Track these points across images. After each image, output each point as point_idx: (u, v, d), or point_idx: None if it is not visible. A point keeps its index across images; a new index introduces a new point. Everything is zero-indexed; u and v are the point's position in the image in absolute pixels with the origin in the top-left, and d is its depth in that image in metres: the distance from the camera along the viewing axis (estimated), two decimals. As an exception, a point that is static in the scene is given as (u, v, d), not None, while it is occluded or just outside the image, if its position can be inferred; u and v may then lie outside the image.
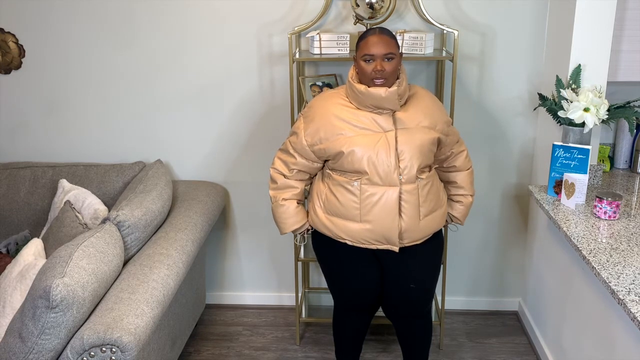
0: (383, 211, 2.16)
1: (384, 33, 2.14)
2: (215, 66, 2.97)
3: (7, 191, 2.99)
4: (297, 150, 2.27)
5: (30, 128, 3.15)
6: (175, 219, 2.65)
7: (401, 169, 2.14)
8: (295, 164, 2.29)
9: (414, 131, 2.16)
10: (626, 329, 1.93)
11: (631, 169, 2.85)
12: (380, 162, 2.12)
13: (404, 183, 2.15)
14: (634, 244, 2.06)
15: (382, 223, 2.17)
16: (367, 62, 2.11)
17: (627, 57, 2.56)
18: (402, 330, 2.52)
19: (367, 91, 2.10)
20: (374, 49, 2.09)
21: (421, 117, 2.20)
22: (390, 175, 2.13)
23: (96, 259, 2.06)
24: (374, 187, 2.15)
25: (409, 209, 2.17)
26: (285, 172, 2.32)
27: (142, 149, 3.13)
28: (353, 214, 2.20)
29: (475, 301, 3.30)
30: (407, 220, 2.18)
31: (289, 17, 2.86)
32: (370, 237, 2.21)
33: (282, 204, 2.32)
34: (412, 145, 2.14)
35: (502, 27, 2.82)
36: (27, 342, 1.89)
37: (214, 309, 3.34)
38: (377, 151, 2.12)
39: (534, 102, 2.84)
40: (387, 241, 2.21)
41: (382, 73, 2.09)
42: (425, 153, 2.18)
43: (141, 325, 1.97)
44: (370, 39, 2.11)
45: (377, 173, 2.13)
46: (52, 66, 3.04)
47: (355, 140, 2.13)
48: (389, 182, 2.14)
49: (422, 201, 2.20)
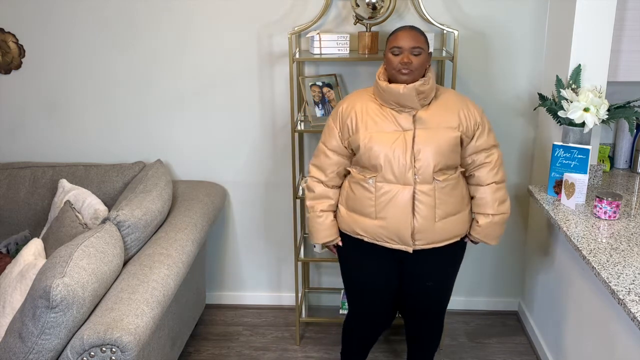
0: (396, 209, 2.16)
1: (414, 29, 2.16)
2: (215, 66, 2.97)
3: (7, 191, 2.99)
4: (332, 149, 2.27)
5: (30, 128, 3.15)
6: (175, 219, 2.65)
7: (416, 169, 2.13)
8: (332, 164, 2.28)
9: (434, 131, 2.14)
10: (626, 329, 1.93)
11: (631, 169, 2.85)
12: (395, 160, 2.13)
13: (419, 183, 2.14)
14: (634, 244, 2.06)
15: (395, 221, 2.17)
16: (395, 55, 2.13)
17: (627, 57, 2.56)
18: (414, 329, 2.51)
19: (388, 87, 2.12)
20: (402, 41, 2.11)
21: (443, 117, 2.17)
22: (405, 174, 2.13)
23: (96, 259, 2.06)
24: (388, 184, 2.16)
25: (423, 209, 2.16)
26: (322, 178, 2.31)
27: (142, 149, 3.13)
28: (369, 210, 2.20)
29: (475, 301, 3.30)
30: (421, 221, 2.17)
31: (289, 17, 2.86)
32: (384, 235, 2.21)
33: (319, 215, 2.32)
34: (431, 145, 2.13)
35: (502, 27, 2.82)
36: (27, 342, 1.89)
37: (214, 309, 3.34)
38: (394, 149, 2.13)
39: (534, 102, 2.84)
40: (400, 240, 2.20)
41: (408, 65, 2.09)
42: (445, 154, 2.15)
43: (141, 325, 1.97)
44: (400, 32, 2.14)
45: (392, 171, 2.14)
46: (52, 66, 3.04)
47: (375, 136, 2.15)
48: (404, 180, 2.14)
49: (439, 203, 2.17)
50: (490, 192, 2.25)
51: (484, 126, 2.24)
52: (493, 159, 2.25)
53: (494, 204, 2.25)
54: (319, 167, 2.31)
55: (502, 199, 2.27)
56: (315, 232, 2.34)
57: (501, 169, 2.28)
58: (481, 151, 2.24)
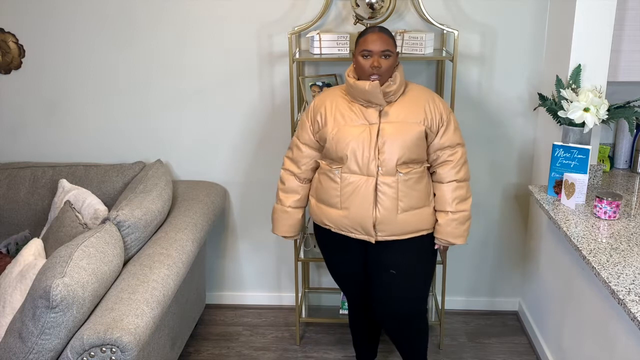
0: (359, 199, 2.24)
1: (383, 31, 2.22)
2: (215, 66, 2.97)
3: (7, 191, 2.99)
4: (304, 142, 2.37)
5: (30, 128, 3.15)
6: (175, 219, 2.65)
7: (380, 161, 2.20)
8: (304, 157, 2.38)
9: (399, 125, 2.21)
10: (626, 329, 1.93)
11: (631, 169, 2.85)
12: (360, 152, 2.21)
13: (382, 175, 2.21)
14: (634, 244, 2.06)
15: (358, 211, 2.25)
16: (365, 58, 2.19)
17: (627, 57, 2.56)
18: (390, 333, 2.50)
19: (355, 84, 2.21)
20: (372, 45, 2.17)
21: (409, 111, 2.24)
22: (368, 165, 2.21)
23: (96, 259, 2.06)
24: (352, 175, 2.24)
25: (385, 200, 2.22)
26: (295, 171, 2.41)
27: (142, 149, 3.13)
28: (334, 201, 2.29)
29: (475, 301, 3.30)
30: (383, 212, 2.23)
31: (289, 17, 2.86)
32: (348, 225, 2.29)
33: (287, 210, 2.44)
34: (395, 138, 2.20)
35: (502, 27, 2.82)
36: (27, 342, 1.89)
37: (214, 309, 3.34)
38: (360, 141, 2.21)
39: (534, 102, 2.84)
40: (363, 230, 2.28)
41: (378, 69, 2.17)
42: (409, 147, 2.21)
43: (141, 325, 1.97)
44: (370, 36, 2.20)
45: (357, 162, 2.21)
46: (52, 66, 3.04)
47: (342, 129, 2.23)
48: (367, 172, 2.21)
49: (402, 195, 2.23)
50: (449, 190, 2.29)
51: (450, 123, 2.28)
52: (456, 157, 2.29)
53: (453, 203, 2.29)
54: (293, 160, 2.42)
55: (462, 197, 2.30)
56: (277, 224, 2.49)
57: (464, 167, 2.31)
58: (445, 148, 2.28)
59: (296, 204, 2.44)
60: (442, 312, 3.00)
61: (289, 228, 2.48)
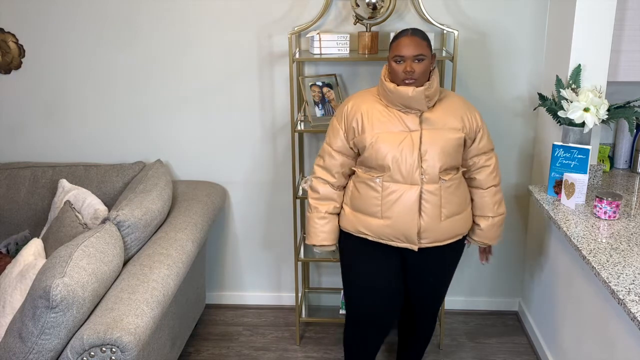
0: (403, 209, 2.17)
1: (416, 34, 2.14)
2: (215, 66, 2.97)
3: (7, 191, 2.99)
4: (338, 150, 2.28)
5: (30, 128, 3.15)
6: (175, 219, 2.65)
7: (423, 169, 2.15)
8: (338, 165, 2.29)
9: (440, 132, 2.17)
10: (626, 329, 1.93)
11: (631, 169, 2.85)
12: (403, 161, 2.14)
13: (426, 183, 2.16)
14: (634, 244, 2.06)
15: (402, 221, 2.18)
16: (398, 63, 2.13)
17: (627, 57, 2.56)
18: (410, 326, 2.54)
19: (396, 89, 2.13)
20: (405, 50, 2.10)
21: (448, 118, 2.20)
22: (412, 174, 2.15)
23: (96, 259, 2.06)
24: (395, 184, 2.17)
25: (430, 208, 2.18)
26: (329, 179, 2.31)
27: (142, 149, 3.13)
28: (374, 210, 2.21)
29: (475, 301, 3.30)
30: (427, 220, 2.19)
31: (289, 17, 2.86)
32: (390, 234, 2.22)
33: (323, 217, 2.32)
34: (437, 145, 2.15)
35: (502, 27, 2.82)
36: (27, 342, 1.89)
37: (214, 309, 3.34)
38: (401, 149, 2.14)
39: (534, 102, 2.84)
40: (406, 239, 2.22)
41: (411, 74, 2.10)
42: (450, 154, 2.18)
43: (141, 325, 1.97)
44: (402, 40, 2.13)
45: (399, 171, 2.15)
46: (52, 66, 3.04)
47: (382, 137, 2.16)
48: (411, 180, 2.15)
49: (445, 202, 2.19)
50: (490, 195, 2.32)
51: (484, 130, 2.29)
52: (492, 163, 2.31)
53: (494, 207, 2.33)
54: (325, 168, 2.32)
55: (500, 201, 2.35)
56: (313, 233, 2.34)
57: (498, 172, 2.36)
58: (482, 154, 2.29)
59: (334, 210, 2.33)
60: (442, 312, 3.00)
61: (327, 235, 2.33)
